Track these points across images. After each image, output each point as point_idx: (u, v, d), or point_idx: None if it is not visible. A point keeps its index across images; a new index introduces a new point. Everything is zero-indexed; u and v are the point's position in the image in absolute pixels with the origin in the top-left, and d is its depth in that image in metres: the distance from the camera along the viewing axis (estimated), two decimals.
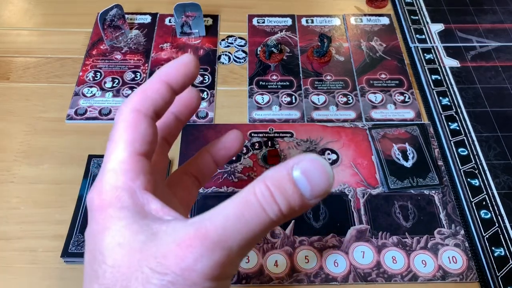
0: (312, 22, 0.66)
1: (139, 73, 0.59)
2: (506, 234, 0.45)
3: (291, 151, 0.51)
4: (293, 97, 0.57)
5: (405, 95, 0.57)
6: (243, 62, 0.61)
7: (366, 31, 0.65)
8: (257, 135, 0.52)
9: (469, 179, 0.49)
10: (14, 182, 0.48)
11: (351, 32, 0.65)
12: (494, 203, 0.47)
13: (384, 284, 0.42)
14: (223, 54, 0.62)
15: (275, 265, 0.43)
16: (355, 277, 0.42)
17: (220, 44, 0.63)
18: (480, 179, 0.49)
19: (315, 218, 0.46)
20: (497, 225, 0.46)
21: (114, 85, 0.57)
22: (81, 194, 0.47)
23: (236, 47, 0.63)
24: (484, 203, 0.47)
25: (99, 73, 0.58)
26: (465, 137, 0.53)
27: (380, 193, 0.48)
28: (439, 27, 0.66)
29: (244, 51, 0.62)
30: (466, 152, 0.51)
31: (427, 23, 0.66)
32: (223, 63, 0.61)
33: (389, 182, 0.48)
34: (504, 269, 0.43)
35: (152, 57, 0.61)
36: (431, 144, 0.52)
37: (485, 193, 0.48)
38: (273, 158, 0.50)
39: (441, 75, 0.59)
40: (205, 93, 0.57)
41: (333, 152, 0.51)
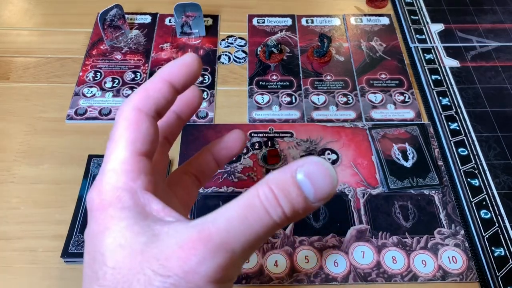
0: (312, 22, 0.66)
1: (139, 73, 0.59)
2: (506, 234, 0.45)
3: (291, 151, 0.51)
4: (293, 97, 0.57)
5: (405, 95, 0.57)
6: (243, 62, 0.61)
7: (366, 31, 0.65)
8: (257, 135, 0.52)
9: (469, 179, 0.49)
10: (14, 182, 0.48)
11: (351, 32, 0.65)
12: (494, 203, 0.47)
13: (384, 284, 0.42)
14: (223, 54, 0.62)
15: (275, 265, 0.43)
16: (355, 277, 0.42)
17: (220, 44, 0.63)
18: (480, 179, 0.49)
19: (315, 218, 0.46)
20: (497, 225, 0.46)
21: (114, 85, 0.57)
22: (81, 194, 0.47)
23: (236, 47, 0.63)
24: (484, 203, 0.47)
25: (99, 73, 0.58)
26: (465, 137, 0.53)
27: (380, 193, 0.48)
28: (439, 27, 0.66)
29: (244, 51, 0.62)
30: (466, 152, 0.51)
31: (427, 23, 0.66)
32: (223, 63, 0.61)
33: (389, 182, 0.48)
34: (504, 269, 0.43)
35: (152, 57, 0.61)
36: (431, 144, 0.52)
37: (485, 193, 0.48)
38: (273, 158, 0.50)
39: (441, 75, 0.59)
40: (205, 93, 0.57)
41: (333, 152, 0.51)
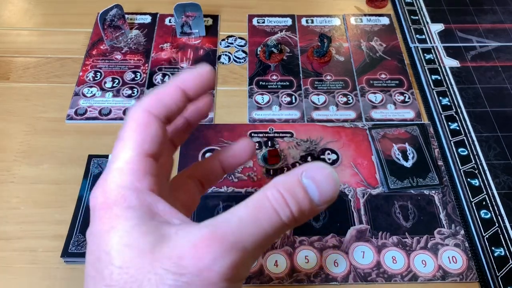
0: (312, 22, 0.66)
1: (139, 73, 0.59)
2: (506, 234, 0.45)
3: (291, 151, 0.51)
4: (293, 97, 0.57)
5: (405, 95, 0.57)
6: (243, 62, 0.61)
7: (366, 31, 0.65)
8: (257, 135, 0.52)
9: (469, 179, 0.49)
10: (14, 182, 0.48)
11: (351, 32, 0.65)
12: (494, 203, 0.47)
13: (384, 284, 0.42)
14: (223, 54, 0.62)
15: (275, 265, 0.43)
16: (355, 277, 0.42)
17: (220, 44, 0.63)
18: (480, 179, 0.49)
19: (315, 218, 0.46)
20: (497, 225, 0.46)
21: (114, 85, 0.57)
22: (81, 194, 0.47)
23: (236, 47, 0.63)
24: (484, 203, 0.47)
25: (99, 73, 0.59)
26: (465, 137, 0.53)
27: (380, 193, 0.48)
28: (439, 27, 0.66)
29: (244, 51, 0.62)
30: (466, 152, 0.51)
31: (427, 23, 0.66)
32: (223, 63, 0.61)
33: (389, 182, 0.48)
34: (504, 269, 0.43)
35: (152, 57, 0.61)
36: (431, 144, 0.52)
37: (485, 193, 0.48)
38: (273, 158, 0.50)
39: (441, 75, 0.59)
40: None
41: (333, 152, 0.51)
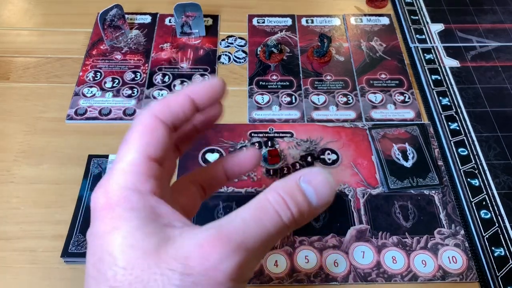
0: (312, 22, 0.66)
1: (139, 73, 0.59)
2: (506, 234, 0.45)
3: (291, 151, 0.51)
4: (293, 97, 0.57)
5: (405, 95, 0.57)
6: (243, 62, 0.61)
7: (366, 31, 0.65)
8: (257, 135, 0.52)
9: (469, 179, 0.49)
10: (14, 182, 0.48)
11: (351, 32, 0.65)
12: (494, 203, 0.47)
13: (384, 284, 0.42)
14: (223, 54, 0.62)
15: (275, 265, 0.43)
16: (355, 277, 0.42)
17: (220, 44, 0.63)
18: (480, 179, 0.49)
19: (315, 218, 0.46)
20: (497, 225, 0.46)
21: (114, 85, 0.57)
22: (81, 194, 0.47)
23: (236, 47, 0.63)
24: (484, 203, 0.47)
25: (99, 73, 0.59)
26: (465, 137, 0.53)
27: (380, 193, 0.48)
28: (439, 27, 0.66)
29: (244, 51, 0.62)
30: (466, 152, 0.51)
31: (427, 23, 0.66)
32: (223, 63, 0.61)
33: (389, 182, 0.48)
34: (504, 269, 0.43)
35: (152, 57, 0.61)
36: (431, 144, 0.52)
37: (485, 193, 0.48)
38: (273, 158, 0.50)
39: (441, 75, 0.59)
40: None
41: (333, 152, 0.51)
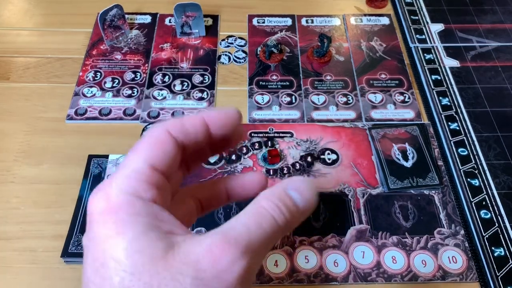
0: (312, 22, 0.66)
1: (139, 73, 0.59)
2: (506, 234, 0.45)
3: (291, 151, 0.51)
4: (293, 97, 0.57)
5: (405, 95, 0.57)
6: (243, 62, 0.61)
7: (366, 31, 0.65)
8: (257, 135, 0.52)
9: (469, 179, 0.49)
10: (14, 182, 0.48)
11: (351, 32, 0.65)
12: (494, 203, 0.47)
13: (384, 284, 0.42)
14: (223, 54, 0.62)
15: (275, 265, 0.43)
16: (355, 277, 0.42)
17: (220, 44, 0.63)
18: (480, 179, 0.49)
19: (315, 218, 0.46)
20: (497, 225, 0.46)
21: (114, 85, 0.57)
22: (81, 194, 0.47)
23: (236, 47, 0.63)
24: (484, 203, 0.47)
25: (99, 73, 0.59)
26: (465, 137, 0.53)
27: (380, 193, 0.48)
28: (439, 27, 0.66)
29: (244, 51, 0.62)
30: (466, 152, 0.51)
31: (427, 23, 0.66)
32: (223, 63, 0.61)
33: (389, 182, 0.48)
34: (504, 269, 0.43)
35: (152, 57, 0.61)
36: (431, 144, 0.52)
37: (485, 193, 0.48)
38: (273, 158, 0.50)
39: (441, 75, 0.59)
40: (205, 93, 0.57)
41: (333, 152, 0.51)
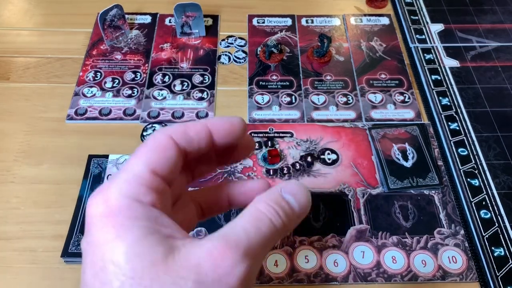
0: (312, 22, 0.66)
1: (139, 73, 0.59)
2: (506, 234, 0.45)
3: (291, 151, 0.51)
4: (293, 97, 0.57)
5: (405, 95, 0.57)
6: (243, 62, 0.61)
7: (366, 31, 0.65)
8: (257, 135, 0.52)
9: (469, 179, 0.49)
10: (14, 182, 0.48)
11: (351, 32, 0.65)
12: (494, 203, 0.47)
13: (384, 284, 0.42)
14: (223, 54, 0.62)
15: (275, 265, 0.43)
16: (355, 277, 0.42)
17: (220, 44, 0.63)
18: (480, 179, 0.49)
19: (315, 218, 0.46)
20: (497, 225, 0.46)
21: (114, 85, 0.57)
22: (81, 194, 0.47)
23: (236, 47, 0.63)
24: (484, 203, 0.47)
25: (99, 73, 0.59)
26: (465, 137, 0.53)
27: (380, 193, 0.48)
28: (439, 27, 0.66)
29: (244, 51, 0.62)
30: (466, 152, 0.52)
31: (427, 23, 0.66)
32: (223, 63, 0.61)
33: (389, 182, 0.48)
34: (504, 269, 0.43)
35: (152, 57, 0.61)
36: (431, 144, 0.52)
37: (485, 193, 0.48)
38: (273, 158, 0.50)
39: (441, 75, 0.59)
40: (205, 93, 0.57)
41: (333, 152, 0.51)
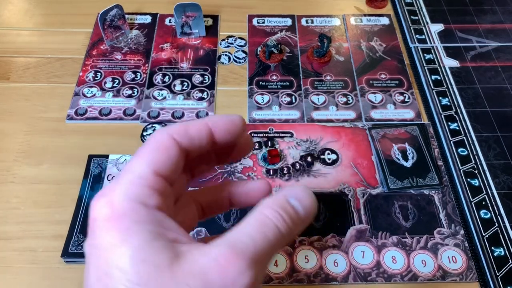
0: (312, 22, 0.66)
1: (139, 73, 0.59)
2: (505, 234, 0.45)
3: (291, 151, 0.51)
4: (293, 97, 0.57)
5: (405, 95, 0.57)
6: (243, 62, 0.61)
7: (366, 31, 0.65)
8: (257, 135, 0.52)
9: (469, 179, 0.49)
10: (14, 182, 0.48)
11: (351, 32, 0.65)
12: (493, 203, 0.47)
13: (384, 284, 0.42)
14: (223, 54, 0.62)
15: (275, 265, 0.43)
16: (355, 277, 0.42)
17: (220, 44, 0.63)
18: (480, 179, 0.49)
19: (315, 218, 0.46)
20: (496, 225, 0.46)
21: (114, 85, 0.57)
22: (81, 194, 0.47)
23: (236, 47, 0.63)
24: (484, 203, 0.47)
25: (99, 73, 0.59)
26: (465, 137, 0.53)
27: (380, 193, 0.48)
28: (439, 27, 0.66)
29: (244, 51, 0.62)
30: (466, 152, 0.52)
31: (427, 23, 0.66)
32: (223, 63, 0.61)
33: (389, 182, 0.48)
34: (504, 269, 0.43)
35: (152, 57, 0.61)
36: (431, 144, 0.52)
37: (484, 193, 0.48)
38: (273, 158, 0.50)
39: (441, 75, 0.59)
40: (205, 93, 0.57)
41: (333, 152, 0.51)
